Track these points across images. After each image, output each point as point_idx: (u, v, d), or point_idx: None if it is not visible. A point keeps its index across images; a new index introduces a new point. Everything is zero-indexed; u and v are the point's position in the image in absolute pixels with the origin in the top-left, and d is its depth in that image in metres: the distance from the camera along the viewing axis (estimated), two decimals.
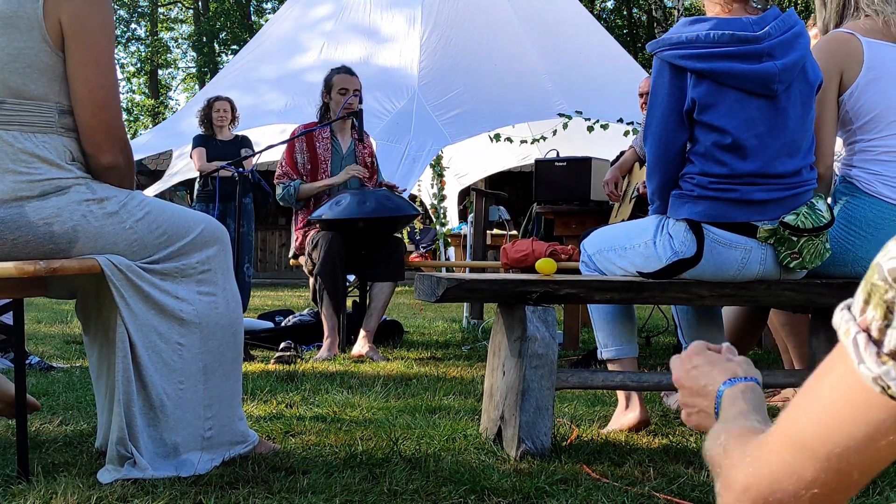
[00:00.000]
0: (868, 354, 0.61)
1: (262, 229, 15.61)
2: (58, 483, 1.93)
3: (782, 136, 2.42)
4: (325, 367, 4.05)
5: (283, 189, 4.80)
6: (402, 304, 9.02)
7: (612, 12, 26.00)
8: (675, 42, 2.40)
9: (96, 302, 2.17)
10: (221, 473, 2.06)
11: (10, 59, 1.97)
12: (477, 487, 1.99)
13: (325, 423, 2.73)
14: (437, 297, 2.38)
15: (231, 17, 26.01)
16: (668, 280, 2.50)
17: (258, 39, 10.44)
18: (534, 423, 2.35)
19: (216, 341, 2.14)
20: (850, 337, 0.62)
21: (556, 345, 2.41)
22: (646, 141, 2.51)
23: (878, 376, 0.60)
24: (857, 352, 0.62)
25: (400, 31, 8.92)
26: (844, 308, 0.64)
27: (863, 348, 0.61)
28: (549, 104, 8.64)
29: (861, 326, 0.62)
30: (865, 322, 0.62)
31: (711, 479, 2.10)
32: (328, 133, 4.88)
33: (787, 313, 3.10)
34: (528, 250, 4.58)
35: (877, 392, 0.60)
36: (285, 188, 4.80)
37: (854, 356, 0.62)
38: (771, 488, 0.70)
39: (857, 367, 0.61)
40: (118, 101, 2.10)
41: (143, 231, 2.08)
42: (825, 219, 2.42)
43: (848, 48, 2.61)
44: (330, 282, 4.53)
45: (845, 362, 0.63)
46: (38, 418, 2.71)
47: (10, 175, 1.97)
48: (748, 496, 0.71)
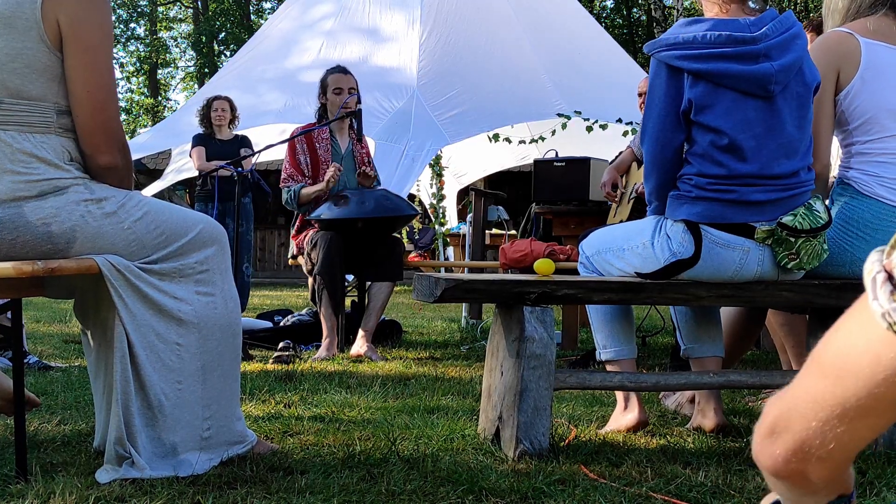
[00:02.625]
0: (883, 291, 0.64)
1: (261, 229, 15.61)
2: (56, 483, 1.93)
3: (779, 137, 2.42)
4: (323, 367, 4.05)
5: (286, 193, 4.81)
6: (400, 303, 9.03)
7: (612, 12, 26.00)
8: (672, 43, 2.40)
9: (94, 302, 2.17)
10: (220, 473, 2.06)
11: (8, 59, 1.97)
12: (475, 488, 1.99)
13: (324, 423, 2.73)
14: (435, 298, 2.39)
15: (230, 16, 26.00)
16: (667, 281, 2.50)
17: (257, 39, 10.43)
18: (532, 423, 2.35)
19: (214, 341, 2.14)
20: (871, 275, 0.66)
21: (555, 345, 2.41)
22: (643, 141, 2.52)
23: (887, 312, 0.63)
24: (873, 288, 0.65)
25: (399, 31, 8.92)
26: (878, 251, 0.67)
27: (879, 285, 0.64)
28: (548, 104, 8.63)
29: (886, 268, 0.65)
30: (890, 265, 0.65)
31: (709, 479, 2.11)
32: (327, 133, 4.89)
33: (785, 314, 3.10)
34: (526, 250, 4.59)
35: (884, 328, 0.63)
36: (287, 192, 4.80)
37: (870, 292, 0.65)
38: (789, 410, 0.73)
39: (870, 302, 0.65)
40: (116, 102, 2.10)
41: (141, 231, 2.08)
42: (823, 220, 2.42)
43: (845, 47, 2.61)
44: (329, 281, 4.53)
45: (865, 301, 0.67)
46: (37, 418, 2.71)
47: (8, 175, 1.97)
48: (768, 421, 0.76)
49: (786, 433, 0.74)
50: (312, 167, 4.83)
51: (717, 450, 2.47)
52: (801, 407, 0.71)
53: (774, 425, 0.75)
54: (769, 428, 0.76)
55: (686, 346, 2.78)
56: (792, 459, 0.74)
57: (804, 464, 0.74)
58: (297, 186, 4.77)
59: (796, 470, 0.75)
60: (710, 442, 2.58)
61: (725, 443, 2.57)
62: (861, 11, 2.66)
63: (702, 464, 2.28)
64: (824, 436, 0.70)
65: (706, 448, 2.50)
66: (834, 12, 2.71)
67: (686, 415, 2.96)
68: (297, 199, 4.77)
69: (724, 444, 2.56)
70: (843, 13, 2.68)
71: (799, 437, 0.72)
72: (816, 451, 0.72)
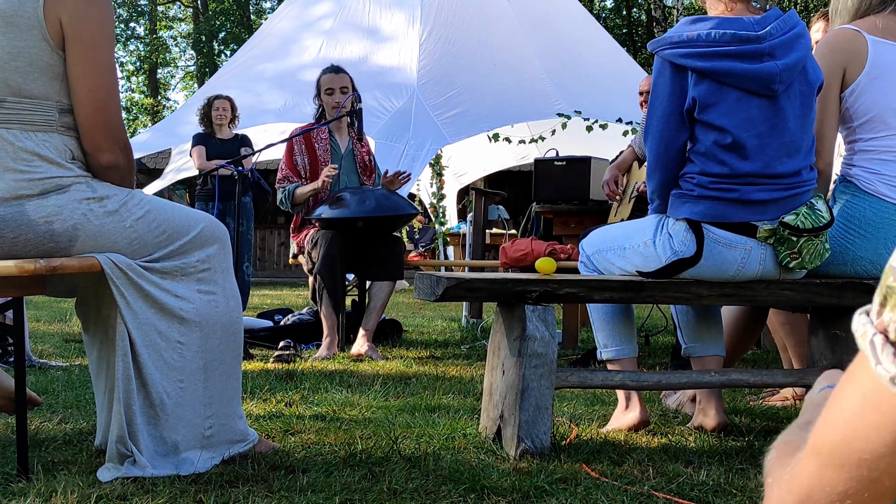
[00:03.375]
0: (885, 355, 0.61)
1: (261, 228, 15.61)
2: (57, 481, 1.93)
3: (782, 136, 2.42)
4: (324, 366, 4.05)
5: (281, 193, 4.82)
6: (401, 303, 9.03)
7: (612, 12, 26.00)
8: (676, 41, 2.40)
9: (96, 300, 2.17)
10: (221, 472, 2.06)
11: (11, 57, 1.97)
12: (476, 486, 1.99)
13: (325, 422, 2.73)
14: (436, 297, 2.38)
15: (230, 16, 25.99)
16: (668, 280, 2.50)
17: (257, 38, 10.42)
18: (533, 422, 2.35)
19: (216, 340, 2.14)
20: (868, 339, 0.62)
21: (556, 344, 2.41)
22: (646, 140, 2.51)
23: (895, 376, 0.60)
24: (874, 353, 0.61)
25: (399, 30, 8.91)
26: (862, 313, 0.64)
27: (880, 350, 0.61)
28: (548, 104, 8.63)
29: (878, 329, 0.62)
30: (883, 324, 0.62)
31: (710, 478, 2.11)
32: (326, 134, 4.89)
33: (787, 313, 3.10)
34: (527, 249, 4.59)
35: (894, 392, 0.60)
36: (282, 192, 4.81)
37: (871, 358, 0.62)
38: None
39: (874, 367, 0.61)
40: (118, 101, 2.10)
41: (143, 230, 2.08)
42: (825, 219, 2.42)
43: (853, 45, 2.60)
44: (329, 281, 4.53)
45: (865, 367, 0.63)
46: (38, 417, 2.71)
47: (10, 173, 1.97)
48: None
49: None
50: (311, 168, 4.83)
51: (719, 449, 2.47)
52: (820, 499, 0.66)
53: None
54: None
55: (687, 345, 2.78)
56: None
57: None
58: (291, 186, 4.78)
59: None
60: (711, 441, 2.58)
61: (727, 442, 2.57)
62: (871, 9, 2.65)
63: (703, 463, 2.28)
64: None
65: (707, 447, 2.50)
66: (843, 9, 2.71)
67: (687, 414, 2.96)
68: (291, 198, 4.78)
69: (725, 443, 2.56)
70: (851, 10, 2.68)
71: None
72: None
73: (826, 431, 0.66)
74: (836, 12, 2.73)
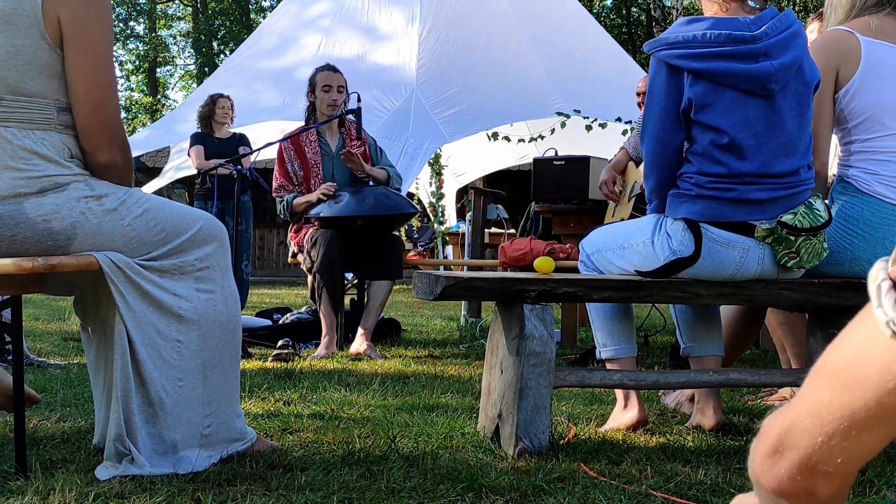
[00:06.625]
0: (888, 300, 0.63)
1: (260, 227, 15.61)
2: (55, 479, 1.93)
3: (779, 135, 2.42)
4: (322, 365, 4.05)
5: (279, 203, 4.84)
6: (399, 302, 9.03)
7: (611, 11, 26.00)
8: (671, 42, 2.40)
9: (94, 299, 2.17)
10: (219, 470, 2.06)
11: (9, 56, 1.97)
12: (474, 485, 1.99)
13: (323, 421, 2.73)
14: (435, 296, 2.38)
15: (230, 15, 25.97)
16: (667, 279, 2.50)
17: (255, 36, 10.42)
18: (531, 421, 2.35)
19: (215, 338, 2.14)
20: (876, 283, 0.65)
21: (554, 343, 2.42)
22: (643, 140, 2.52)
23: (891, 320, 0.62)
24: (878, 296, 0.64)
25: (398, 29, 8.90)
26: (883, 260, 0.66)
27: (884, 294, 0.64)
28: (547, 103, 8.62)
29: (891, 276, 0.65)
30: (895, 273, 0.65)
31: (708, 477, 2.11)
32: (315, 136, 4.87)
33: (785, 312, 3.11)
34: (526, 249, 4.59)
35: (889, 336, 0.63)
36: (281, 202, 4.82)
37: (875, 300, 0.64)
38: (792, 427, 0.71)
39: (874, 310, 0.64)
40: (116, 100, 2.10)
41: (141, 228, 2.08)
42: (823, 218, 2.42)
43: (845, 46, 2.61)
44: (328, 280, 4.53)
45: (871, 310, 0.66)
46: (36, 415, 2.71)
47: (8, 172, 1.97)
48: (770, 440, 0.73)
49: (790, 451, 0.71)
50: (304, 172, 4.81)
51: (717, 448, 2.47)
52: (806, 422, 0.70)
53: (777, 444, 0.73)
54: (772, 447, 0.73)
55: (686, 344, 2.78)
56: (798, 477, 0.72)
57: (811, 480, 0.71)
58: (289, 197, 4.78)
59: (803, 488, 0.72)
60: (709, 440, 2.58)
61: (725, 441, 2.57)
62: (865, 9, 2.65)
63: (701, 462, 2.28)
64: (831, 450, 0.69)
65: (705, 446, 2.50)
66: (837, 8, 2.70)
67: (685, 413, 2.96)
68: (289, 208, 4.79)
69: (723, 442, 2.56)
70: (846, 10, 2.67)
71: (805, 454, 0.70)
72: (823, 466, 0.70)
73: (827, 357, 0.69)
74: (832, 10, 2.73)
